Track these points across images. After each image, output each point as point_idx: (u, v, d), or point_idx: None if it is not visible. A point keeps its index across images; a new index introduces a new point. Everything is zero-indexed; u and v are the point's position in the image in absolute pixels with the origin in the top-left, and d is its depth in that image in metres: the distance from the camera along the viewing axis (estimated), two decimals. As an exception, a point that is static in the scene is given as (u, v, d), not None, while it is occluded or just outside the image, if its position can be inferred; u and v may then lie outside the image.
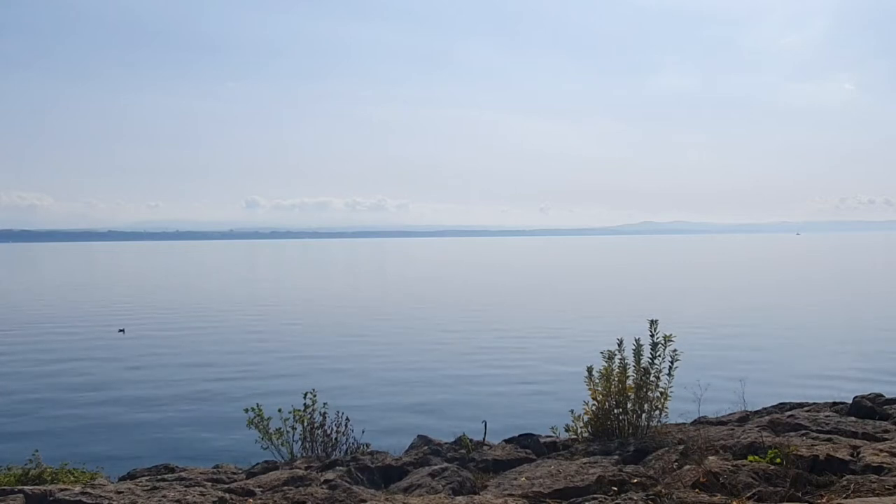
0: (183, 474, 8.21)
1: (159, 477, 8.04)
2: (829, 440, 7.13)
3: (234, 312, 45.77)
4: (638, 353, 8.64)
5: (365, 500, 6.05)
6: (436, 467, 7.29)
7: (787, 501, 5.32)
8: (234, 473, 8.52)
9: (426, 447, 8.85)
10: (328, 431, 9.58)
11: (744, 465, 6.11)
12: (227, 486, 7.08)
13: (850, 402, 9.33)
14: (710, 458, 6.54)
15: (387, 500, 6.08)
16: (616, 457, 7.52)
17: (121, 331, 36.12)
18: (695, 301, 49.00)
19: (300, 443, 9.60)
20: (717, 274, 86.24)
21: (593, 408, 8.83)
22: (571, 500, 5.88)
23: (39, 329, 38.24)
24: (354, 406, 14.57)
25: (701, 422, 9.91)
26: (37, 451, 9.47)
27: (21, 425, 18.47)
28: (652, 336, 8.65)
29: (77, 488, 6.56)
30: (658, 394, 8.63)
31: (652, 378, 8.61)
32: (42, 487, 6.72)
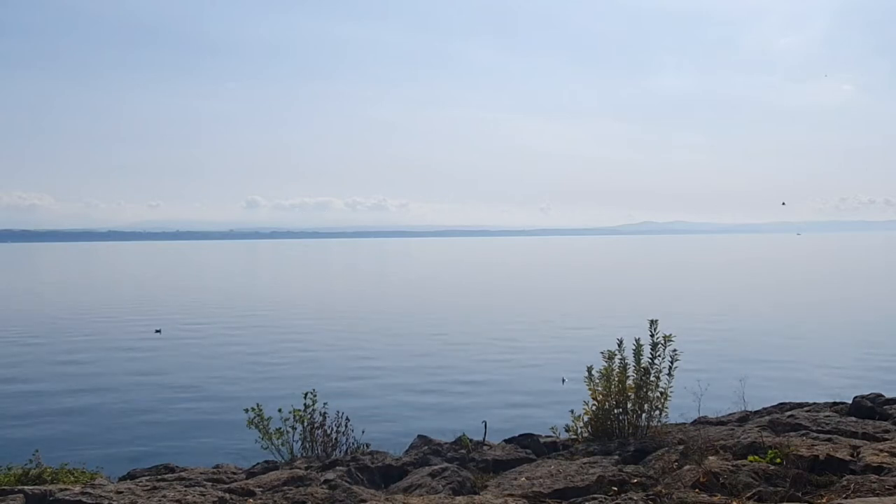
0: (183, 474, 8.19)
1: (159, 477, 8.03)
2: (829, 440, 7.11)
3: (234, 313, 45.77)
4: (638, 353, 8.62)
5: (365, 500, 6.04)
6: (436, 467, 7.27)
7: (787, 501, 5.31)
8: (234, 473, 8.50)
9: (426, 447, 8.82)
10: (328, 431, 9.54)
11: (744, 465, 6.10)
12: (227, 486, 7.07)
13: (850, 402, 9.30)
14: (710, 458, 6.53)
15: (387, 500, 6.08)
16: (616, 457, 7.50)
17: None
18: (695, 301, 48.99)
19: (300, 443, 9.56)
20: (717, 274, 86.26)
21: (593, 408, 8.81)
22: (571, 500, 5.87)
23: (42, 330, 38.22)
24: (354, 406, 14.56)
25: (701, 422, 9.89)
26: (37, 451, 9.46)
27: (22, 425, 18.47)
28: (652, 336, 8.62)
29: (77, 488, 6.55)
30: (658, 394, 8.61)
31: (652, 378, 8.58)
32: (42, 487, 6.71)
